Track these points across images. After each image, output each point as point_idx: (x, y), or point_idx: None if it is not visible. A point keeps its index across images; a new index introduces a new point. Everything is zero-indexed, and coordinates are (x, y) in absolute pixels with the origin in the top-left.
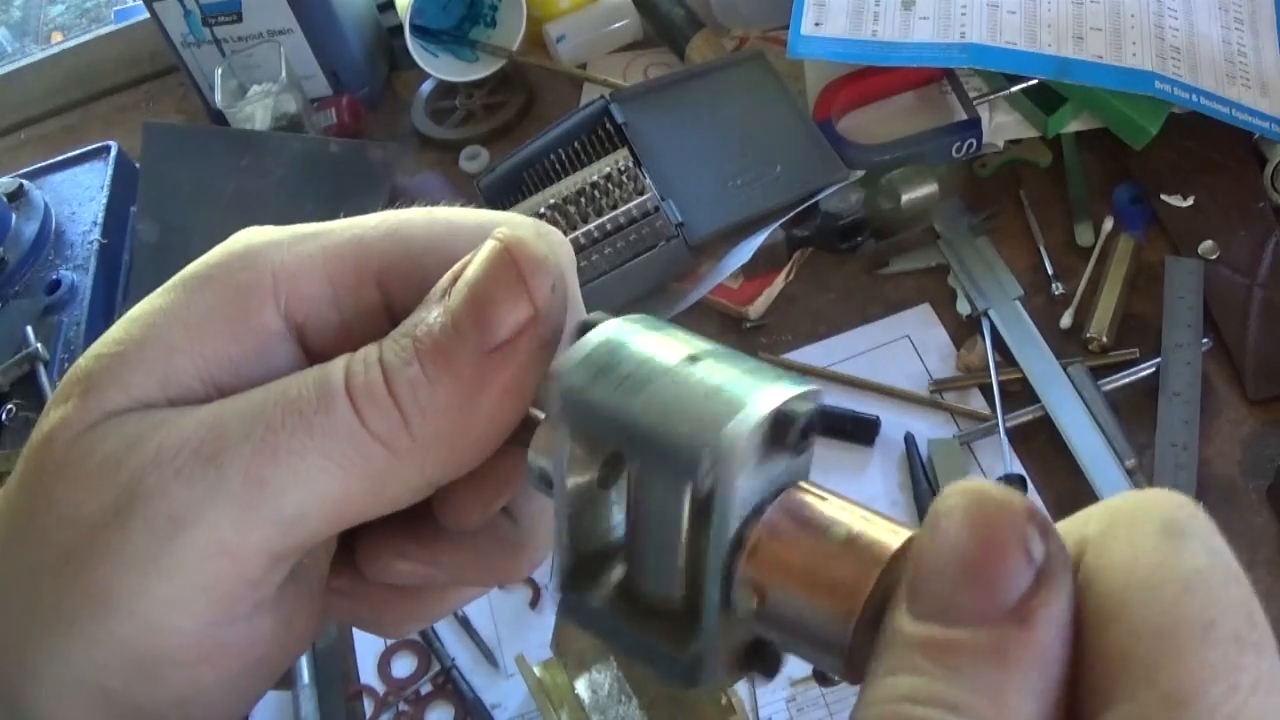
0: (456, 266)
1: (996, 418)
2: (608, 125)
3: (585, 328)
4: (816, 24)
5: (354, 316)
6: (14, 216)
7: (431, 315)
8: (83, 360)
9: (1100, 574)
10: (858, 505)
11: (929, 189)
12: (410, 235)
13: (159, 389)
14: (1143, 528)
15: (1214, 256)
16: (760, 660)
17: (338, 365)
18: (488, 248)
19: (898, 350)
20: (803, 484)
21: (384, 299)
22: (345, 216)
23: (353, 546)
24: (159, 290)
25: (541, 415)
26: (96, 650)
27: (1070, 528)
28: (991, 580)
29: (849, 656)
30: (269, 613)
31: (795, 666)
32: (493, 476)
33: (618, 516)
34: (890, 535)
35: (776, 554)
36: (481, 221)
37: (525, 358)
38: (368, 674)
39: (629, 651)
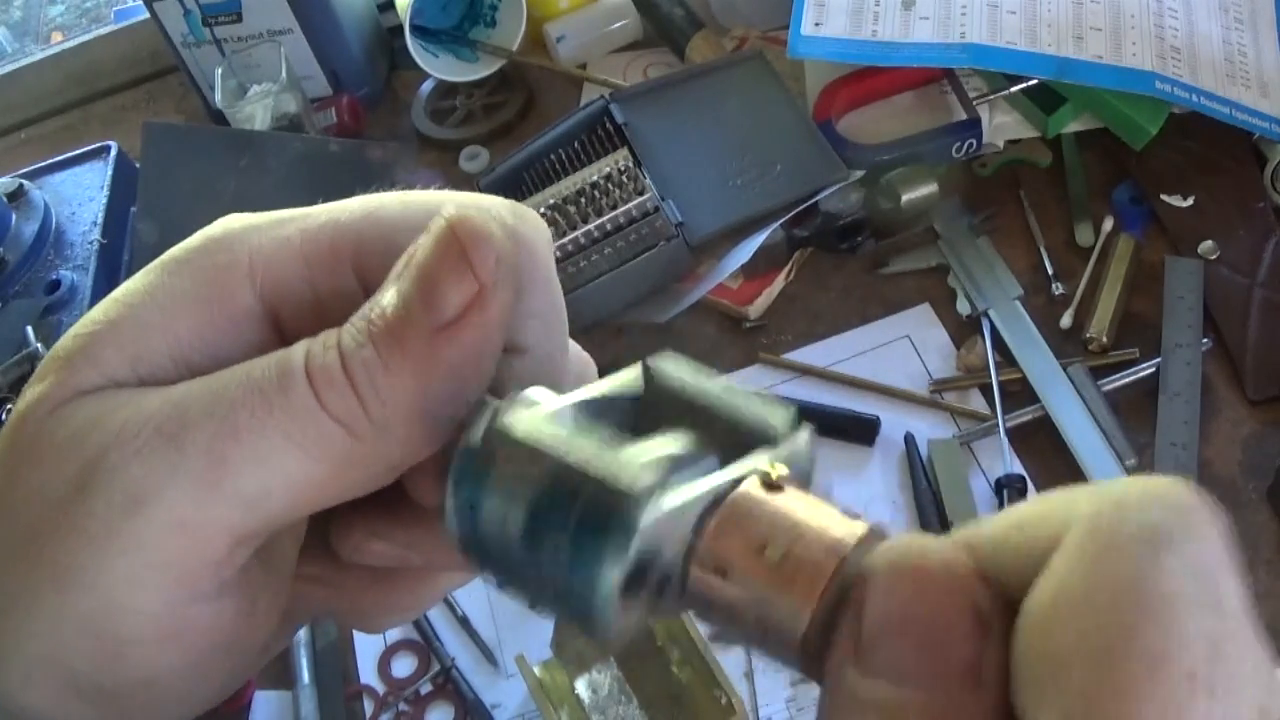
0: (410, 249)
1: (996, 418)
2: (608, 125)
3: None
4: (816, 24)
5: (329, 300)
6: (14, 216)
7: (385, 298)
8: (62, 340)
9: (1058, 580)
10: (819, 501)
11: (929, 189)
12: (385, 218)
13: (130, 368)
14: (1124, 532)
15: (1214, 256)
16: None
17: (299, 348)
18: (434, 226)
19: (898, 350)
20: (769, 469)
21: (360, 282)
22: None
23: (327, 532)
24: (139, 272)
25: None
26: (60, 627)
27: (1054, 510)
28: (944, 643)
29: (804, 652)
30: (232, 595)
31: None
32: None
33: None
34: (844, 530)
35: (731, 541)
36: (456, 204)
37: (475, 335)
38: (368, 674)
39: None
